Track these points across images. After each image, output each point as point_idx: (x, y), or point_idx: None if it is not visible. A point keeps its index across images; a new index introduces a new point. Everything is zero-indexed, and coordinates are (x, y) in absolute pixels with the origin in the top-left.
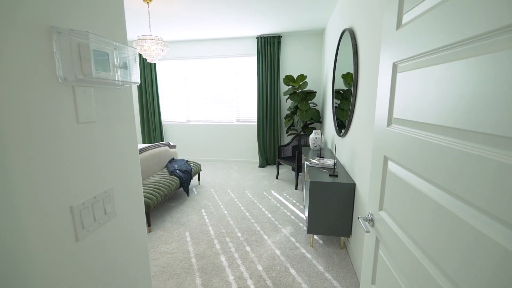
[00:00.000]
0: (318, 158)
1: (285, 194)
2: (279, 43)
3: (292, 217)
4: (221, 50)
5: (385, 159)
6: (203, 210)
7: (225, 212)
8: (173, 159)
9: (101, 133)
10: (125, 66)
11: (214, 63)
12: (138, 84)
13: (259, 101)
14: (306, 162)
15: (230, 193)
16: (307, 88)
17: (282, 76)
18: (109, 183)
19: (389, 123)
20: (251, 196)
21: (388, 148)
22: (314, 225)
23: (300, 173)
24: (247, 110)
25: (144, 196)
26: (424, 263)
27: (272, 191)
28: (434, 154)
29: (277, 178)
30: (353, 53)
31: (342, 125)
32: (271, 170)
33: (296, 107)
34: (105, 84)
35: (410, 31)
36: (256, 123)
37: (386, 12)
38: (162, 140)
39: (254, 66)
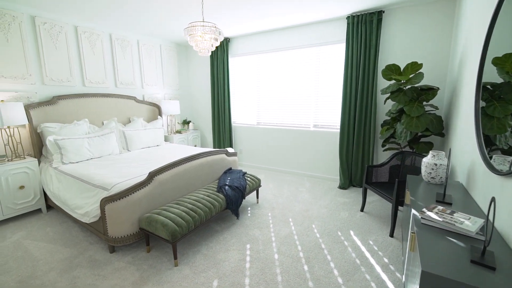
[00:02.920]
0: (441, 207)
1: (371, 243)
2: (379, 21)
3: None
4: (299, 40)
5: None
6: (248, 246)
7: (276, 256)
8: (229, 169)
9: None
10: None
11: (290, 55)
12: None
13: (345, 102)
14: (413, 211)
15: (291, 223)
16: (422, 82)
17: (380, 67)
18: None
19: None
20: (318, 235)
21: None
22: None
23: (400, 208)
24: (328, 113)
25: (172, 220)
26: None
27: (352, 233)
28: None
29: (362, 210)
30: None
31: (490, 143)
32: (355, 195)
33: (401, 111)
34: None
35: None
36: (339, 131)
37: None
38: (230, 144)
39: (341, 56)
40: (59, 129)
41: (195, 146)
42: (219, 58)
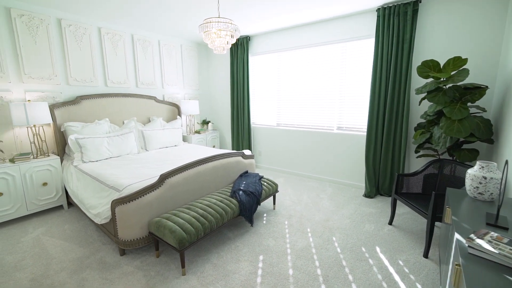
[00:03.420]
0: (495, 234)
1: (401, 263)
2: (415, 12)
3: None
4: (323, 36)
5: None
6: (261, 258)
7: (290, 271)
8: (246, 172)
9: None
10: None
11: (313, 53)
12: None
13: (373, 102)
14: (456, 236)
15: (309, 234)
16: (467, 80)
17: (415, 63)
18: None
19: None
20: (339, 250)
21: None
22: None
23: (436, 223)
24: (353, 115)
25: (181, 226)
26: None
27: (378, 249)
28: None
29: (390, 223)
30: None
31: None
32: (382, 205)
33: (440, 113)
34: None
35: None
36: (365, 134)
37: None
38: (249, 145)
39: (369, 52)
40: (81, 128)
41: (214, 146)
42: (239, 57)
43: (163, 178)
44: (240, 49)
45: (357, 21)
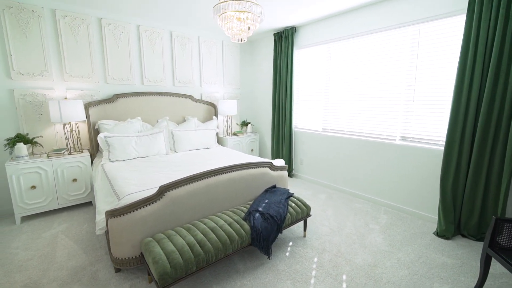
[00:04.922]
0: None
1: None
2: None
3: None
4: (387, 18)
5: None
6: None
7: None
8: (273, 187)
9: None
10: None
11: (372, 41)
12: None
13: (457, 105)
14: None
15: (344, 285)
16: None
17: None
18: None
19: None
20: None
21: None
22: None
23: None
24: (426, 121)
25: (168, 256)
26: None
27: None
28: None
29: (480, 287)
30: None
31: None
32: (465, 253)
33: None
34: None
35: None
36: (442, 148)
37: None
38: (290, 152)
39: (454, 35)
40: (113, 126)
41: (252, 151)
42: (283, 51)
43: (162, 190)
44: (284, 42)
45: None
